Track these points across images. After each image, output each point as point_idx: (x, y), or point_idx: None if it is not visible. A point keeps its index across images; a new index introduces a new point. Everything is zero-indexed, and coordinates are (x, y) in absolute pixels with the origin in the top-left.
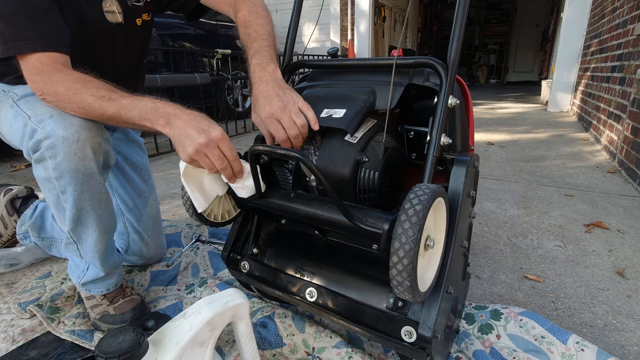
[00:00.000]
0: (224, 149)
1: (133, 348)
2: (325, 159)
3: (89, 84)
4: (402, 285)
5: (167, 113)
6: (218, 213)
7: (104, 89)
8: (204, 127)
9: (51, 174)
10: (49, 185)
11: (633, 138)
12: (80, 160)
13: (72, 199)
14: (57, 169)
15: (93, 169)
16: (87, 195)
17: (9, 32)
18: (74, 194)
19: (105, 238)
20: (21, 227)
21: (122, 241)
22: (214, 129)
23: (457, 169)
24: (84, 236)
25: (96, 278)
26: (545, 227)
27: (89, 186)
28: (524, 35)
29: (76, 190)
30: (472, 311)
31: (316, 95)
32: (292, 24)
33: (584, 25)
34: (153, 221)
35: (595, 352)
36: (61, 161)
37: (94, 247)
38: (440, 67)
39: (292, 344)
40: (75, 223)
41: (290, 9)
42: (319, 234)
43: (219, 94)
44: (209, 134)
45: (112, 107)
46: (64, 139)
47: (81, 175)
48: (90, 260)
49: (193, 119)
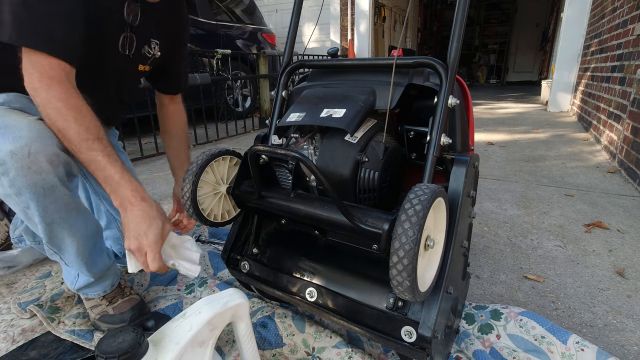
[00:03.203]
0: (149, 260)
1: (133, 348)
2: (325, 159)
3: (82, 120)
4: (402, 285)
5: (125, 196)
6: (218, 213)
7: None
8: (142, 231)
9: (9, 190)
10: (11, 201)
11: (633, 138)
12: (37, 175)
13: (37, 214)
14: (13, 185)
15: (53, 182)
16: (53, 208)
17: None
18: (38, 210)
19: (86, 245)
20: (14, 232)
21: (119, 246)
22: (150, 234)
23: (457, 169)
24: (63, 247)
25: (88, 284)
26: (545, 227)
27: (53, 199)
28: (524, 35)
29: (39, 205)
30: (472, 311)
31: (316, 95)
32: (292, 24)
33: (584, 25)
34: None
35: (595, 352)
36: (15, 177)
37: (76, 256)
38: (440, 67)
39: (292, 344)
40: (50, 236)
41: (290, 9)
42: (319, 234)
43: (219, 94)
44: (140, 242)
45: (87, 155)
46: (12, 153)
47: (41, 190)
48: (76, 268)
49: (140, 216)
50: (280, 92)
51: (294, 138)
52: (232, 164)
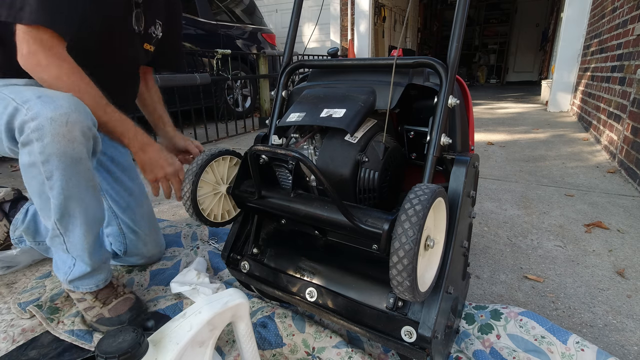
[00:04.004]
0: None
1: (133, 348)
2: (325, 159)
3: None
4: (402, 285)
5: (143, 142)
6: (218, 213)
7: (103, 98)
8: (170, 160)
9: (37, 158)
10: (34, 171)
11: (633, 138)
12: (70, 143)
13: (59, 185)
14: (44, 152)
15: (82, 154)
16: (74, 182)
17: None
18: (61, 180)
19: (94, 229)
20: (15, 232)
21: (119, 243)
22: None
23: (457, 169)
24: (71, 227)
25: (84, 274)
26: (545, 227)
27: (77, 171)
28: (524, 35)
29: (64, 175)
30: (472, 311)
31: (316, 95)
32: (292, 24)
33: (584, 25)
34: (148, 219)
35: (595, 352)
36: (48, 143)
37: (82, 238)
38: (440, 67)
39: (292, 344)
40: (62, 212)
41: (290, 9)
42: (319, 234)
43: (219, 94)
44: (174, 166)
45: (106, 117)
46: (52, 120)
47: (69, 159)
48: (77, 254)
49: (162, 151)
50: (280, 92)
51: (294, 138)
52: (232, 164)
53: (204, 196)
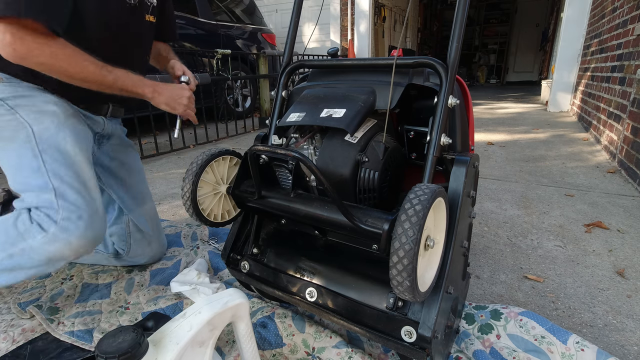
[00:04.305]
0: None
1: (133, 348)
2: (325, 159)
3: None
4: (402, 285)
5: (152, 84)
6: (218, 213)
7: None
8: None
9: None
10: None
11: (633, 138)
12: (58, 257)
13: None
14: (34, 248)
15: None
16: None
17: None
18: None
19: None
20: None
21: (122, 243)
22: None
23: (457, 169)
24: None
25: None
26: (545, 227)
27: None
28: (524, 35)
29: (25, 267)
30: (472, 311)
31: (316, 95)
32: (292, 24)
33: (584, 25)
34: (154, 219)
35: (595, 352)
36: (46, 246)
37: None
38: (440, 67)
39: (292, 344)
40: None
41: (290, 9)
42: (319, 234)
43: (219, 94)
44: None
45: (110, 75)
46: (69, 243)
47: (46, 262)
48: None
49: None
50: (280, 92)
51: (294, 138)
52: (232, 164)
53: (204, 196)
